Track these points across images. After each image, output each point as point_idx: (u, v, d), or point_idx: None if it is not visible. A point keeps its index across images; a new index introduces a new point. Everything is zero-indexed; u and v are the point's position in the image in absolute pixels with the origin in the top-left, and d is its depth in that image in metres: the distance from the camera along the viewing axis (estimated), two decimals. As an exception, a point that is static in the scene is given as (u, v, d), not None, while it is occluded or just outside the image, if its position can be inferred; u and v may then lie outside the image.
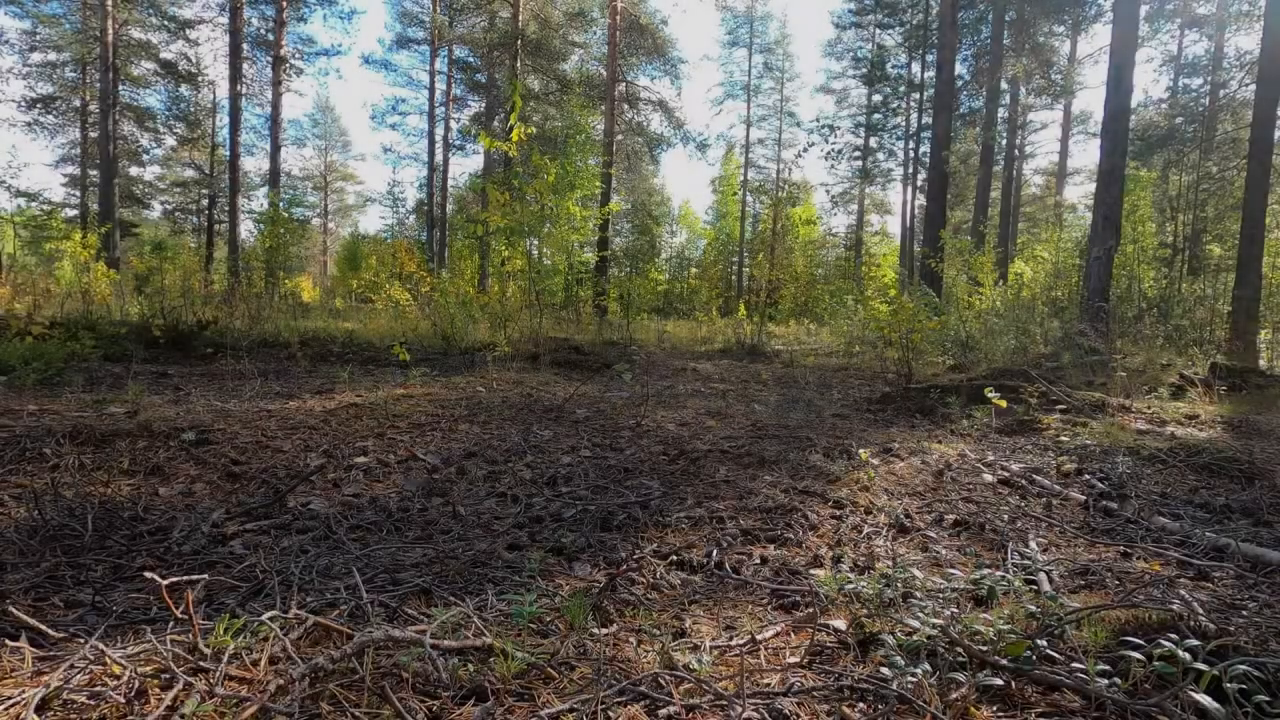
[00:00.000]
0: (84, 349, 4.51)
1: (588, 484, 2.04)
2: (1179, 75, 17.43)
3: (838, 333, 9.82)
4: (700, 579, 1.40)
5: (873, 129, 26.75)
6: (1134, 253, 10.45)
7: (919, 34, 20.69)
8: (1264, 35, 9.34)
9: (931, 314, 5.97)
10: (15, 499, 1.67)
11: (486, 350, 5.72)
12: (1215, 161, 15.49)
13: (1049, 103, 20.45)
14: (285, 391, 3.57)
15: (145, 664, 0.90)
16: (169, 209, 25.96)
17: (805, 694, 0.93)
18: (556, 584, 1.33)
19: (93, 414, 2.58)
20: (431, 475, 2.06)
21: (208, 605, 1.15)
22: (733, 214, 32.24)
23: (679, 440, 2.67)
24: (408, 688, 0.89)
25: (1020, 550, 1.61)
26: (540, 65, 18.49)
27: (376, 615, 1.12)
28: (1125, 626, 1.08)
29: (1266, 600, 1.33)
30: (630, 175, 26.15)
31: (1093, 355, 5.66)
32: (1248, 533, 1.79)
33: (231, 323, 6.46)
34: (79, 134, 22.00)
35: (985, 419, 3.37)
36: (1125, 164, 7.87)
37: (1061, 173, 27.98)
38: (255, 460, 2.12)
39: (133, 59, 19.71)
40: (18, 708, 0.78)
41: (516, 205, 6.33)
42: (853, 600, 1.22)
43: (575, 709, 0.86)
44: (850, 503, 1.93)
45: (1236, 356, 7.42)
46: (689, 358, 7.34)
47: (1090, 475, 2.37)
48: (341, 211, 39.90)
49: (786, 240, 24.18)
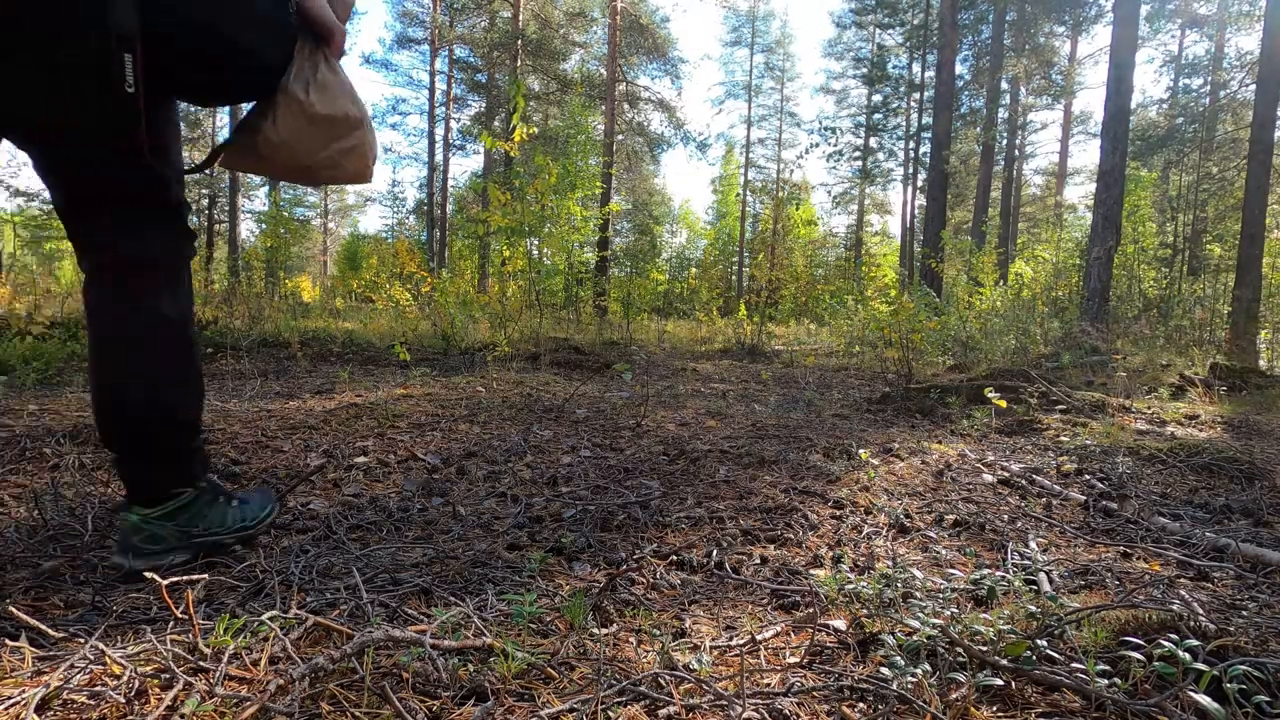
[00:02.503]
0: (84, 349, 4.51)
1: (588, 484, 2.04)
2: (1179, 75, 17.42)
3: (838, 333, 9.82)
4: (700, 579, 1.40)
5: (873, 129, 26.76)
6: (1134, 253, 10.46)
7: (919, 34, 20.69)
8: (1264, 35, 9.34)
9: (932, 314, 5.98)
10: (15, 499, 1.67)
11: (487, 350, 5.72)
12: (1215, 162, 15.49)
13: (1049, 103, 20.46)
14: (285, 391, 3.57)
15: (145, 664, 0.90)
16: (169, 209, 25.91)
17: (805, 694, 0.93)
18: (556, 584, 1.33)
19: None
20: (431, 475, 2.06)
21: (208, 605, 1.16)
22: (733, 214, 32.23)
23: (679, 440, 2.68)
24: (408, 688, 0.89)
25: (1020, 550, 1.61)
26: (540, 65, 18.49)
27: (376, 615, 1.12)
28: (1125, 627, 1.08)
29: (1266, 600, 1.33)
30: (630, 175, 26.14)
31: (1093, 355, 5.66)
32: (1248, 533, 1.79)
33: (231, 322, 6.46)
34: (79, 134, 21.94)
35: (985, 419, 3.37)
36: (1125, 164, 7.87)
37: (1062, 173, 27.97)
38: (255, 460, 2.12)
39: (133, 59, 19.69)
40: (18, 707, 0.78)
41: (517, 205, 6.33)
42: (853, 600, 1.22)
43: (575, 709, 0.86)
44: (850, 503, 1.93)
45: (1236, 357, 7.42)
46: (689, 358, 7.35)
47: (1090, 475, 2.37)
48: (341, 211, 39.89)
49: (787, 240, 24.18)
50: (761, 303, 10.61)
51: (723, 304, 18.77)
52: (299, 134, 1.24)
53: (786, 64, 31.50)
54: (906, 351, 5.76)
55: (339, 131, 1.27)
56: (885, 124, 26.34)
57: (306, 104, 1.23)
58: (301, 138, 1.25)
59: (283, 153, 1.25)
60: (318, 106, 1.24)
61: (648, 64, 19.42)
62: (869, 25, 26.32)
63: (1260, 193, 9.19)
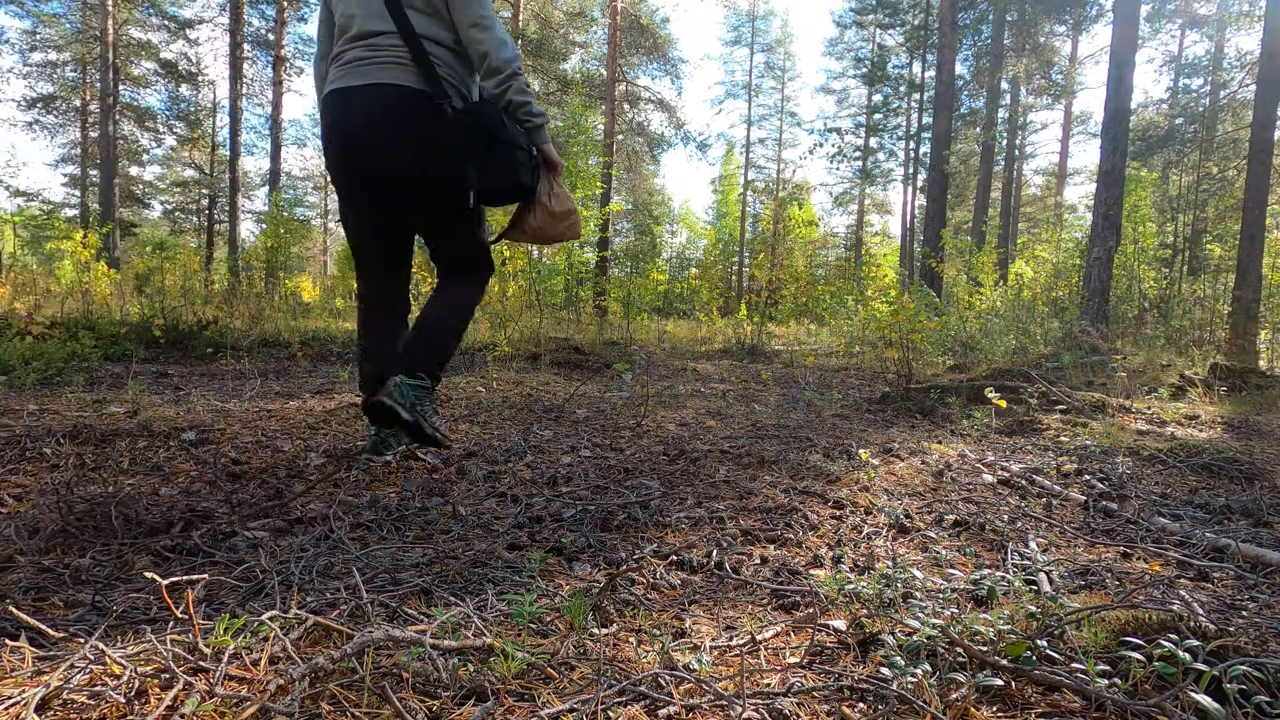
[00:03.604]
0: (84, 349, 4.52)
1: (588, 484, 2.04)
2: (1179, 75, 17.41)
3: (838, 333, 9.82)
4: (700, 579, 1.40)
5: (873, 129, 26.74)
6: (1134, 253, 10.46)
7: (920, 34, 20.69)
8: (1264, 35, 9.34)
9: (932, 314, 5.97)
10: (15, 498, 1.67)
11: (487, 350, 5.72)
12: (1215, 162, 15.49)
13: (1049, 103, 20.45)
14: (285, 391, 3.57)
15: (145, 664, 0.90)
16: (169, 209, 25.93)
17: (805, 694, 0.93)
18: (556, 584, 1.33)
19: (93, 413, 2.58)
20: (431, 475, 2.06)
21: (208, 605, 1.15)
22: (733, 214, 32.22)
23: (679, 440, 2.68)
24: (408, 688, 0.89)
25: (1020, 551, 1.61)
26: (541, 65, 18.48)
27: (376, 615, 1.12)
28: (1125, 627, 1.08)
29: (1266, 601, 1.34)
30: (631, 175, 26.14)
31: (1093, 355, 5.66)
32: (1248, 533, 1.79)
33: (232, 322, 6.46)
34: (79, 134, 21.97)
35: (985, 419, 3.37)
36: (1125, 164, 7.87)
37: (1062, 173, 27.97)
38: (255, 460, 2.12)
39: (133, 59, 19.68)
40: (18, 707, 0.78)
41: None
42: (853, 600, 1.22)
43: (575, 709, 0.86)
44: (850, 503, 1.93)
45: (1236, 357, 7.42)
46: (689, 358, 7.35)
47: (1090, 476, 2.37)
48: (342, 211, 39.74)
49: (787, 240, 24.16)
50: (762, 303, 10.61)
51: (723, 304, 18.76)
52: (546, 221, 2.22)
53: (787, 63, 31.49)
54: (906, 351, 5.76)
55: (565, 218, 2.25)
56: (885, 124, 26.33)
57: (548, 206, 2.21)
58: (547, 223, 2.23)
59: (538, 232, 2.24)
60: (554, 206, 2.22)
61: (648, 64, 19.42)
62: (869, 25, 26.31)
63: (1260, 193, 9.19)
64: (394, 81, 1.96)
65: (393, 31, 1.96)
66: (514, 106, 2.06)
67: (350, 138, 2.01)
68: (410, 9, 1.97)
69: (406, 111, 1.97)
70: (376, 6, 1.98)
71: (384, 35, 1.97)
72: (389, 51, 1.97)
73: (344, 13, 2.03)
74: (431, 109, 1.97)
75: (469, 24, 1.98)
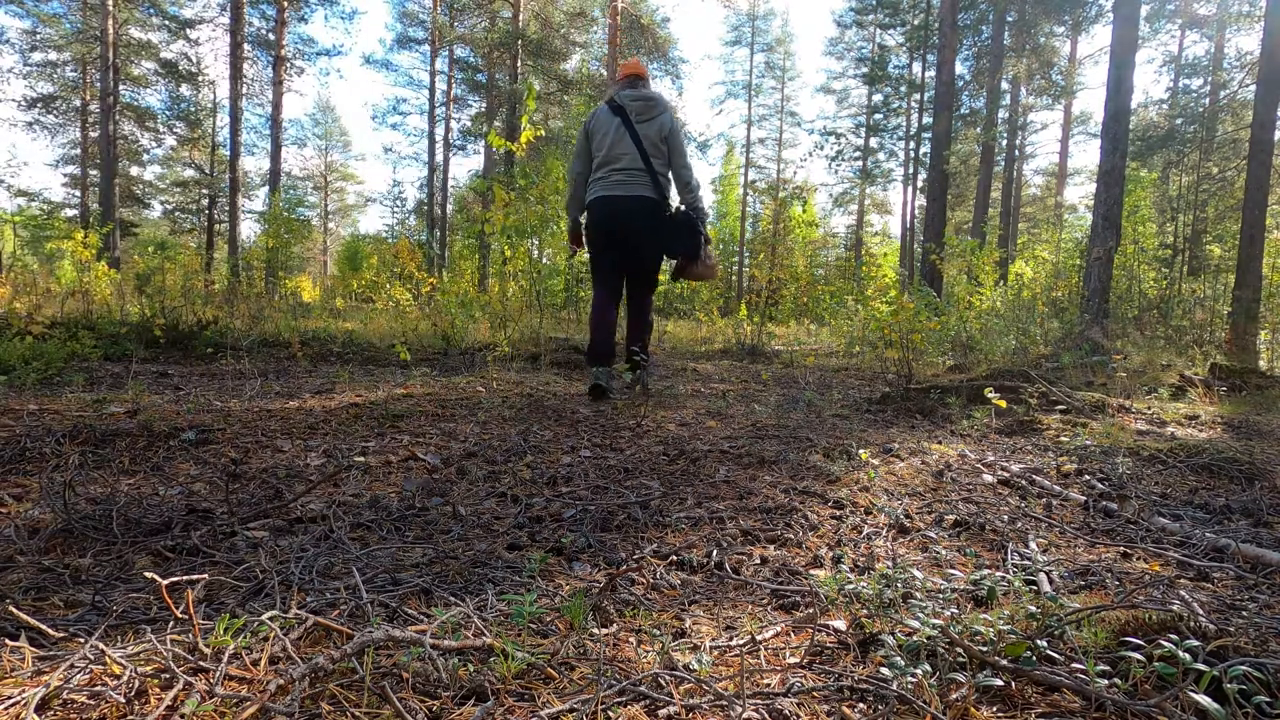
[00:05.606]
0: (84, 348, 4.51)
1: (588, 484, 2.04)
2: (1179, 75, 17.41)
3: (838, 333, 9.81)
4: (700, 579, 1.40)
5: (873, 129, 26.74)
6: (1134, 253, 10.46)
7: (920, 34, 20.69)
8: (1264, 35, 9.34)
9: (932, 314, 5.96)
10: (15, 498, 1.67)
11: (487, 350, 5.72)
12: (1215, 162, 15.48)
13: (1049, 103, 20.43)
14: (285, 391, 3.57)
15: (145, 664, 0.90)
16: (169, 209, 25.94)
17: (805, 694, 0.93)
18: (556, 584, 1.33)
19: (93, 413, 2.58)
20: (431, 475, 2.06)
21: (208, 605, 1.15)
22: (733, 214, 32.19)
23: (679, 440, 2.68)
24: (408, 688, 0.89)
25: (1020, 551, 1.61)
26: (541, 65, 18.47)
27: (376, 615, 1.12)
28: (1125, 627, 1.08)
29: (1266, 601, 1.33)
30: (631, 175, 25.99)
31: (1093, 355, 5.66)
32: (1248, 533, 1.79)
33: (232, 322, 6.46)
34: (79, 134, 21.97)
35: (985, 419, 3.37)
36: (1125, 164, 7.86)
37: (1062, 173, 27.95)
38: (255, 460, 2.12)
39: (133, 59, 19.68)
40: (18, 707, 0.78)
41: (519, 205, 6.32)
42: (853, 600, 1.22)
43: (575, 709, 0.86)
44: (850, 503, 1.93)
45: (1236, 357, 7.42)
46: (689, 358, 7.35)
47: (1090, 476, 2.37)
48: (342, 211, 39.90)
49: (787, 240, 24.15)
50: (762, 303, 10.58)
51: (723, 304, 18.75)
52: (704, 268, 3.75)
53: (787, 63, 31.48)
54: (906, 352, 5.76)
55: (714, 266, 3.88)
56: (885, 124, 26.33)
57: (706, 258, 3.75)
58: (705, 270, 3.75)
59: (697, 275, 3.74)
60: (709, 260, 3.77)
61: (648, 63, 19.41)
62: (870, 25, 26.32)
63: (1260, 193, 9.18)
64: (643, 194, 3.64)
65: (642, 170, 3.63)
66: (699, 210, 3.75)
67: (616, 220, 3.66)
68: (652, 157, 3.63)
69: (648, 210, 3.66)
70: (633, 154, 3.62)
71: (638, 170, 3.64)
72: (639, 177, 3.64)
73: (610, 151, 3.63)
74: (661, 209, 3.70)
75: (681, 165, 3.69)
